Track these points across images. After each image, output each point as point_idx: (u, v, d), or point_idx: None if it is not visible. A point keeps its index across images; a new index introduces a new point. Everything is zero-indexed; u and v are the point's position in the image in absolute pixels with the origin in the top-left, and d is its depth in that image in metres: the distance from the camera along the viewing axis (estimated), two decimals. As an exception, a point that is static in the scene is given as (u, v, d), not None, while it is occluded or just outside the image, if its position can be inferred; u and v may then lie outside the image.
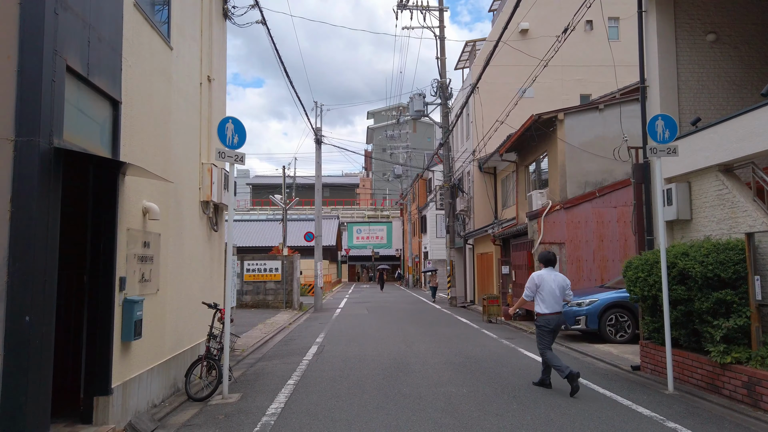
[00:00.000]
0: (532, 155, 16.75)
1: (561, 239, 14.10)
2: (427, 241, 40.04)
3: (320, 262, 21.58)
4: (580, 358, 9.93)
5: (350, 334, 13.23)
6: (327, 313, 19.57)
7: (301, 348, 10.91)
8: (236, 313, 18.84)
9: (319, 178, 21.48)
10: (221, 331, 7.07)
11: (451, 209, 24.02)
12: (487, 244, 20.87)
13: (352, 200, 71.25)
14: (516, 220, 18.55)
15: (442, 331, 13.64)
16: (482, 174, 23.86)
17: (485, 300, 16.56)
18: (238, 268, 20.84)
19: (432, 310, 20.66)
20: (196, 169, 7.89)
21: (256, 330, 14.16)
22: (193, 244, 7.65)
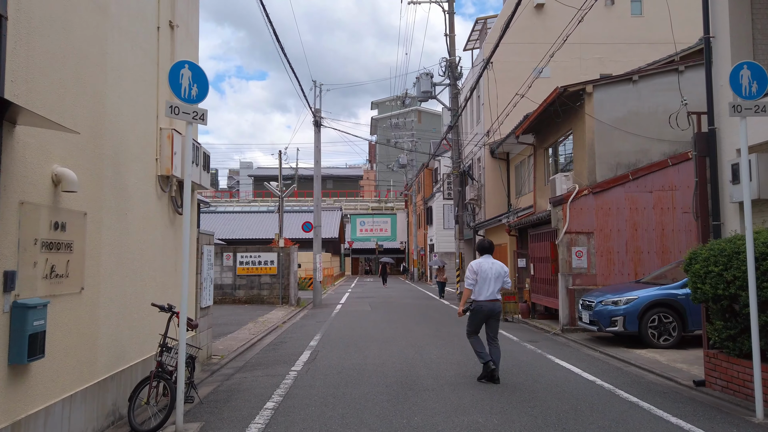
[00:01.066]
0: (554, 135, 15.05)
1: (589, 228, 12.44)
2: (433, 233, 38.40)
3: (319, 254, 19.98)
4: (623, 367, 8.29)
5: (350, 335, 11.62)
6: (326, 310, 17.98)
7: (291, 354, 9.30)
8: (227, 309, 17.31)
9: (318, 163, 19.85)
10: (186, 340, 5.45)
11: (460, 198, 22.35)
12: (500, 235, 19.22)
13: (355, 192, 69.61)
14: (533, 208, 16.88)
15: (455, 332, 12.01)
16: (494, 160, 22.18)
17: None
18: (230, 260, 19.26)
19: (440, 307, 19.03)
20: (152, 134, 6.25)
21: (243, 330, 12.56)
22: (145, 229, 6.03)
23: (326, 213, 47.08)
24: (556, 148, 15.53)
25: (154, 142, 6.31)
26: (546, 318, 14.63)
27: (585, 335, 11.50)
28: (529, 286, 15.39)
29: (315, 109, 19.73)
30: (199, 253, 8.08)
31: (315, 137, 19.93)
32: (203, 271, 8.18)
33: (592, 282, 12.29)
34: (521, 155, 19.92)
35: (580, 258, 12.37)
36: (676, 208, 12.41)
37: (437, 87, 22.29)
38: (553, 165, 15.78)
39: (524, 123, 15.85)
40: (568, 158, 14.54)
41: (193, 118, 5.25)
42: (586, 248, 12.41)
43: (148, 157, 6.14)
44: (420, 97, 22.22)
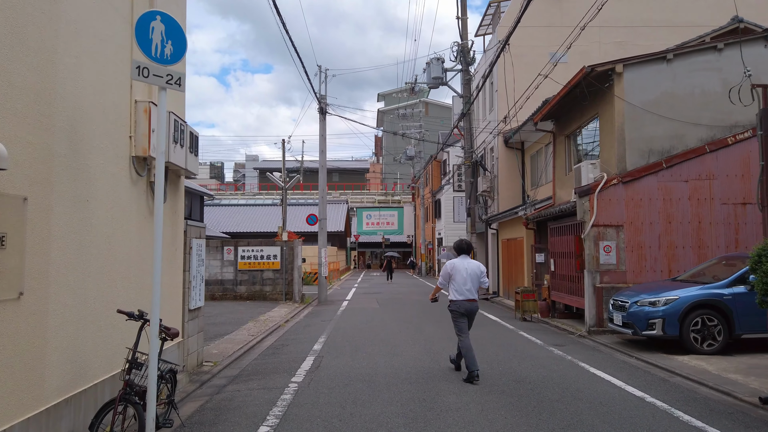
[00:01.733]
0: (577, 121, 13.97)
1: (618, 221, 11.39)
2: (442, 226, 37.41)
3: (325, 248, 19.01)
4: (669, 378, 7.27)
5: (357, 337, 10.65)
6: (332, 307, 17.03)
7: (292, 360, 8.34)
8: (227, 306, 16.39)
9: (323, 153, 18.84)
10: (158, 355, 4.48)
11: (472, 190, 21.30)
12: (515, 229, 18.18)
13: (362, 185, 68.64)
14: (552, 199, 15.83)
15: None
16: (508, 150, 21.10)
17: (519, 294, 13.91)
18: (231, 254, 18.33)
19: (452, 304, 18.06)
20: (124, 107, 5.27)
21: (242, 331, 11.62)
22: (115, 219, 5.06)
23: (332, 206, 46.12)
24: (578, 134, 14.46)
25: (128, 116, 5.33)
26: (567, 317, 13.62)
27: (615, 338, 10.49)
28: (549, 283, 14.37)
29: (320, 96, 18.71)
30: (187, 248, 7.11)
31: (320, 125, 18.93)
32: (192, 268, 7.22)
33: (622, 279, 11.26)
34: (538, 144, 18.84)
35: (608, 253, 11.33)
36: (714, 198, 11.34)
37: (448, 73, 21.22)
38: (575, 153, 14.71)
39: (544, 108, 14.77)
40: (591, 145, 13.47)
41: (167, 83, 4.27)
42: (615, 243, 11.37)
43: (119, 134, 5.16)
44: (430, 84, 21.15)
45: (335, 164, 67.99)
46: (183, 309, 6.98)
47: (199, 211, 32.59)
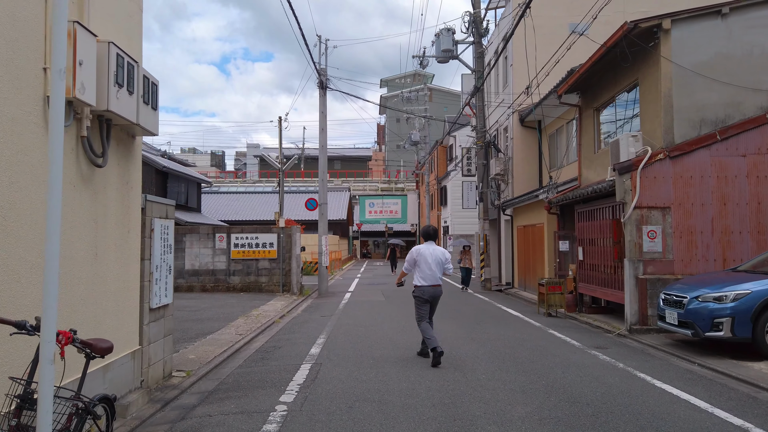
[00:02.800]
0: (610, 90, 12.33)
1: (664, 201, 9.81)
2: (448, 214, 35.86)
3: (325, 236, 17.48)
4: (757, 395, 5.73)
5: (362, 338, 9.13)
6: (333, 300, 15.52)
7: (283, 369, 6.82)
8: (218, 299, 14.88)
9: (323, 131, 17.24)
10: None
11: (485, 173, 19.71)
12: (534, 214, 16.61)
13: (364, 172, 67.03)
14: (578, 181, 14.24)
15: (496, 334, 9.49)
16: (524, 130, 19.48)
17: (543, 286, 12.37)
18: (223, 242, 16.80)
19: (465, 297, 16.53)
20: (30, 22, 3.69)
21: (230, 328, 10.10)
22: (15, 185, 3.50)
23: (334, 194, 44.55)
24: (612, 105, 12.84)
25: (39, 37, 3.76)
26: (597, 312, 12.09)
27: (662, 338, 8.96)
28: (576, 275, 12.84)
29: (320, 68, 17.08)
30: (147, 230, 5.56)
31: (320, 101, 17.31)
32: (154, 256, 5.68)
33: (668, 270, 9.71)
34: (559, 121, 17.21)
35: (653, 240, 9.77)
36: (777, 176, 9.75)
37: (459, 46, 19.55)
38: (605, 128, 13.12)
39: (571, 78, 13.13)
40: (624, 119, 11.84)
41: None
42: (660, 227, 9.80)
43: (25, 64, 3.59)
44: (440, 57, 19.48)
45: (337, 152, 66.35)
46: (141, 308, 5.44)
47: (196, 198, 31.09)
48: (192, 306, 13.27)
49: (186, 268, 16.82)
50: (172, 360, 6.47)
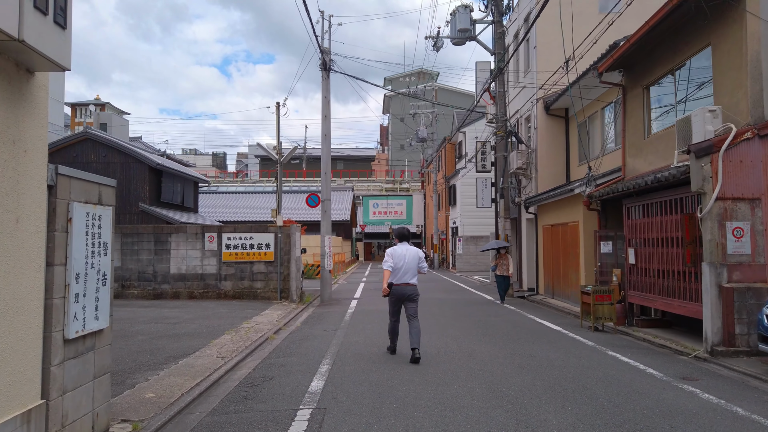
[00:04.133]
0: (667, 61, 10.36)
1: (754, 192, 7.86)
2: (457, 214, 33.93)
3: (329, 236, 15.54)
4: None
5: (378, 366, 7.17)
6: (337, 309, 13.59)
7: (272, 420, 4.87)
8: (206, 308, 12.91)
9: (326, 118, 15.30)
10: None
11: (505, 166, 17.76)
12: (566, 211, 14.65)
13: (368, 171, 65.16)
14: (622, 172, 12.28)
15: (545, 356, 7.52)
16: (549, 118, 17.53)
17: (588, 294, 10.40)
18: (214, 243, 14.87)
19: (489, 306, 14.56)
20: None
21: (211, 348, 8.15)
22: None
23: (336, 194, 42.60)
24: (663, 82, 10.90)
25: None
26: (652, 325, 10.15)
27: (758, 364, 7.01)
28: (620, 280, 10.89)
29: (323, 48, 15.15)
30: (61, 220, 3.63)
31: (323, 85, 15.38)
32: (73, 258, 3.75)
33: (759, 277, 7.76)
34: (592, 107, 15.25)
35: (739, 239, 7.82)
36: None
37: (478, 25, 17.62)
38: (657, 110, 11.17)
39: (617, 50, 11.17)
40: (682, 95, 9.89)
41: None
42: (748, 224, 7.85)
43: None
44: (455, 38, 17.54)
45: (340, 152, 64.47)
46: (47, 340, 3.51)
47: (193, 198, 29.17)
48: (173, 317, 11.34)
49: (171, 272, 14.89)
50: (110, 408, 4.52)
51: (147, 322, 10.68)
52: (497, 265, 14.89)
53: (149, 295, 14.79)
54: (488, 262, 34.81)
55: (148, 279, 14.89)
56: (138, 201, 22.45)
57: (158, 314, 11.79)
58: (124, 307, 12.91)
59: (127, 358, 7.34)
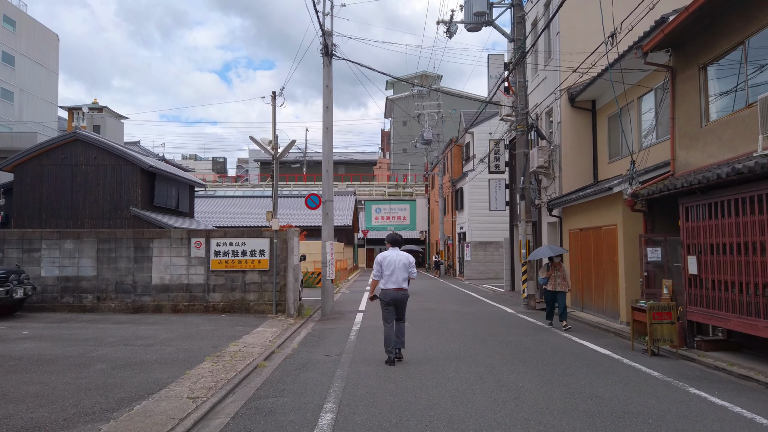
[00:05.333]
0: (735, 32, 8.69)
1: None
2: (465, 218, 32.25)
3: (331, 242, 13.84)
4: None
5: (399, 410, 5.45)
6: (341, 325, 11.88)
7: None
8: (189, 324, 11.09)
9: (328, 110, 13.63)
10: None
11: (526, 165, 16.08)
12: (599, 213, 12.95)
13: (370, 176, 63.57)
14: (671, 166, 10.59)
15: (612, 398, 5.78)
16: (575, 111, 15.86)
17: (642, 311, 8.68)
18: (201, 249, 13.17)
19: (514, 321, 12.83)
20: None
21: (182, 384, 6.42)
22: None
23: (338, 198, 40.93)
24: (726, 59, 9.23)
25: None
26: (719, 348, 8.47)
27: None
28: (682, 295, 9.18)
29: (325, 31, 13.51)
30: None
31: (324, 73, 13.72)
32: None
33: None
34: (626, 97, 13.58)
35: None
36: None
37: (495, 10, 15.99)
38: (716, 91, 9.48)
39: (669, 24, 9.51)
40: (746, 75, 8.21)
41: None
42: None
43: None
44: (471, 23, 15.91)
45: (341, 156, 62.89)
46: None
47: (188, 203, 27.48)
48: (148, 337, 9.63)
49: (153, 283, 13.19)
50: None
51: (115, 343, 8.98)
52: (549, 277, 11.51)
53: (128, 309, 13.08)
54: (497, 270, 33.10)
55: (127, 290, 13.18)
56: (129, 205, 20.86)
57: (132, 333, 10.08)
58: (96, 324, 11.21)
59: (69, 399, 5.64)
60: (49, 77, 46.56)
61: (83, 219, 20.78)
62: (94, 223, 20.05)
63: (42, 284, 13.11)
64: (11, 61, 41.26)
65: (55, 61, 47.78)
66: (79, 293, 13.15)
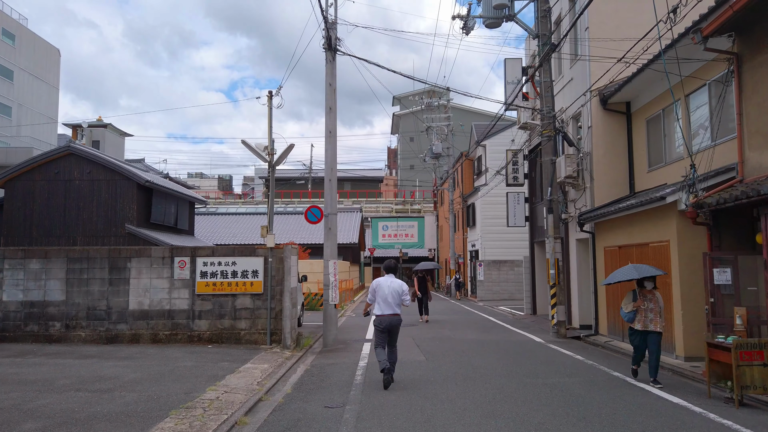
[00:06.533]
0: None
1: None
2: (477, 236, 30.49)
3: (334, 260, 12.13)
4: None
5: None
6: (345, 359, 10.12)
7: None
8: (168, 358, 9.16)
9: (331, 112, 12.04)
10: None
11: (553, 174, 14.38)
12: (643, 228, 11.19)
13: (376, 192, 62.05)
14: (738, 170, 8.87)
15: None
16: (607, 115, 14.19)
17: (725, 350, 6.88)
18: (185, 270, 11.50)
19: (550, 355, 11.01)
20: None
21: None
22: None
23: (344, 215, 39.33)
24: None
25: None
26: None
27: None
28: (747, 325, 7.38)
29: (328, 22, 11.97)
30: None
31: (327, 69, 12.15)
32: None
33: None
34: (668, 96, 11.92)
35: None
36: None
37: (516, 3, 14.44)
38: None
39: None
40: None
41: None
42: None
43: None
44: (490, 18, 14.35)
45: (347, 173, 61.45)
46: None
47: (188, 220, 25.91)
48: (110, 378, 7.92)
49: (131, 309, 11.49)
50: None
51: (65, 388, 7.27)
52: (637, 311, 8.15)
53: (100, 339, 11.37)
54: (512, 290, 31.11)
55: (100, 317, 11.49)
56: (124, 222, 19.37)
57: (93, 372, 8.37)
58: (57, 359, 9.51)
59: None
60: (49, 92, 45.55)
61: (76, 237, 19.38)
62: (87, 241, 18.60)
63: (3, 310, 11.45)
64: (10, 76, 40.22)
65: (56, 76, 46.83)
66: (46, 321, 11.46)
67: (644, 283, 8.19)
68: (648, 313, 8.06)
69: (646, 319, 8.06)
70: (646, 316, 8.06)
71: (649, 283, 8.20)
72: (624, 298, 8.32)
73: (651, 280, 8.20)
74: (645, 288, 8.20)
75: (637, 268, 8.24)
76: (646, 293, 8.18)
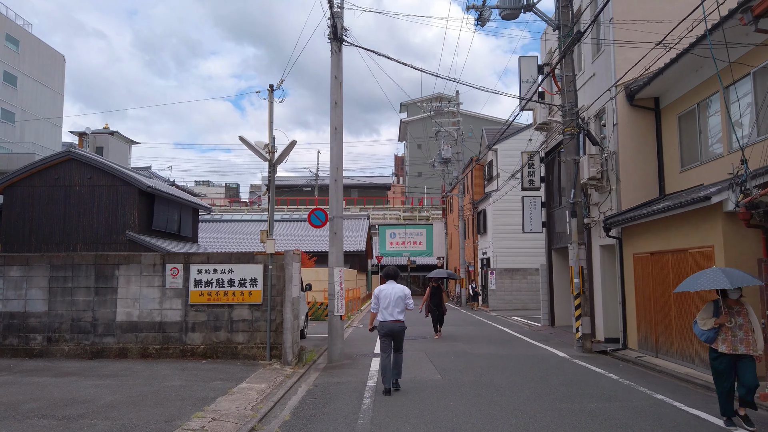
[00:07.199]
0: None
1: None
2: (488, 243, 29.43)
3: (339, 268, 11.13)
4: None
5: None
6: (352, 377, 9.09)
7: None
8: (153, 377, 7.96)
9: (336, 106, 11.12)
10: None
11: (576, 176, 13.35)
12: (681, 232, 10.13)
13: (384, 199, 61.13)
14: (798, 167, 7.82)
15: None
16: (634, 111, 13.17)
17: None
18: (178, 278, 10.54)
19: (579, 374, 9.92)
20: None
21: None
22: None
23: (351, 222, 38.37)
24: None
25: None
26: None
27: None
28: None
29: (334, 11, 11.06)
30: None
31: (332, 61, 11.23)
32: None
33: None
34: (703, 90, 10.88)
35: None
36: None
37: (535, -8, 13.49)
38: None
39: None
40: None
41: None
42: None
43: None
44: (506, 8, 13.39)
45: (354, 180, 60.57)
46: None
47: (191, 227, 25.09)
48: (85, 399, 6.95)
49: (118, 320, 10.54)
50: None
51: (30, 414, 6.30)
52: (719, 329, 6.37)
53: (85, 353, 10.42)
54: (525, 300, 29.89)
55: (85, 330, 10.54)
56: (125, 229, 18.60)
57: (67, 393, 7.41)
58: (32, 376, 8.56)
59: None
60: (54, 99, 45.03)
61: (76, 244, 18.66)
62: (87, 248, 17.91)
63: (-19, 322, 10.54)
64: (13, 81, 39.70)
65: (61, 83, 46.33)
66: (26, 333, 10.53)
67: (730, 294, 6.38)
68: (737, 331, 6.24)
69: (735, 339, 6.23)
70: (735, 335, 6.24)
71: (736, 293, 6.36)
72: (701, 311, 6.59)
73: (738, 291, 6.36)
74: (730, 299, 6.37)
75: (726, 272, 6.30)
76: (732, 304, 6.36)
